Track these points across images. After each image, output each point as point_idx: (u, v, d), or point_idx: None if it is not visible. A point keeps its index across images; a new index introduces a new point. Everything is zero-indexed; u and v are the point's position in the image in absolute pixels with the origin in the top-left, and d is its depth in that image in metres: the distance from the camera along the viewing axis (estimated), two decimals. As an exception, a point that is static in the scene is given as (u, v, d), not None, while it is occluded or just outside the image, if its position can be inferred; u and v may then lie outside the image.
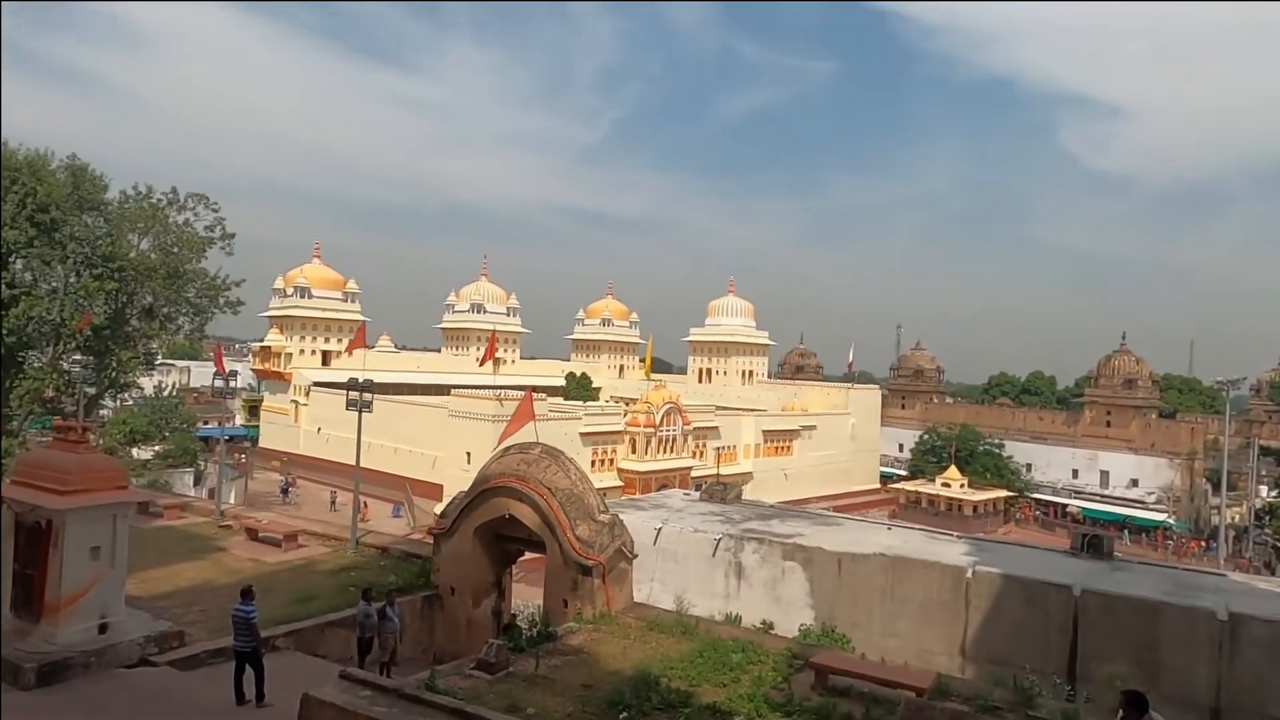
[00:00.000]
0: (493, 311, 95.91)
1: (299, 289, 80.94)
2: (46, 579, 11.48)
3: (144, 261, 39.69)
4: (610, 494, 50.79)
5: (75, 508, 11.29)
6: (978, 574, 15.73)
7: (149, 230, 40.86)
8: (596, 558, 14.56)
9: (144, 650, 11.92)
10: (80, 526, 11.41)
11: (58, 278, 37.53)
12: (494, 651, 11.76)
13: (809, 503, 52.78)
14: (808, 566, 17.61)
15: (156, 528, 20.49)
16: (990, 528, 63.36)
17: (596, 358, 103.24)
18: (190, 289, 41.98)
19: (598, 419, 58.55)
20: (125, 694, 10.76)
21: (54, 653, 11.15)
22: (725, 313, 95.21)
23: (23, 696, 10.50)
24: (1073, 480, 78.57)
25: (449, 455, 55.05)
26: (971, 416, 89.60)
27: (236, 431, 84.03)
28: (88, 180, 38.58)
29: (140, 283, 39.77)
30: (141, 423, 49.92)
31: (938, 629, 15.87)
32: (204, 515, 22.06)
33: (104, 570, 11.80)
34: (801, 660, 12.56)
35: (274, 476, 64.67)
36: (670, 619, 14.55)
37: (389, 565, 17.96)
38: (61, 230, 36.46)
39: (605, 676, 11.81)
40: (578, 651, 12.81)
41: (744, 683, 11.80)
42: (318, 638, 13.82)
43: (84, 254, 37.59)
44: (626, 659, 12.58)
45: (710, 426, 64.34)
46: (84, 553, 11.55)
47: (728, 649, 13.04)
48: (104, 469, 12.07)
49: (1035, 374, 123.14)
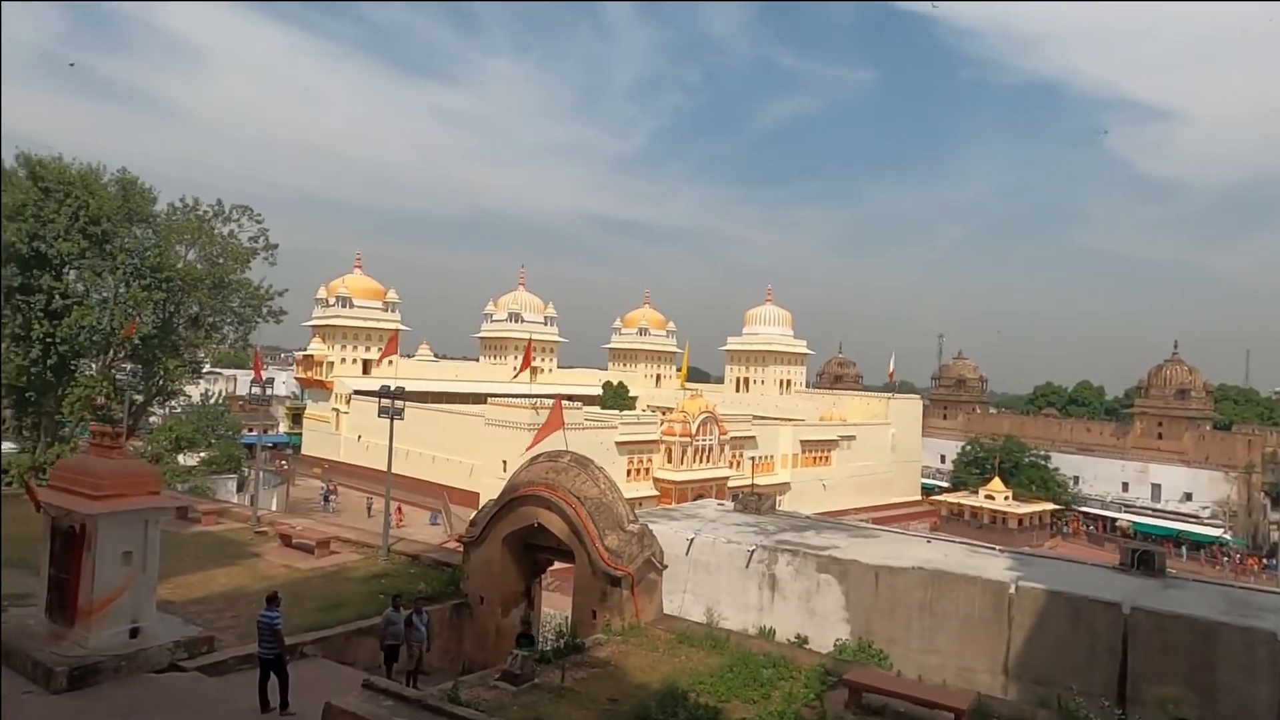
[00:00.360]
0: (530, 321, 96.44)
1: (341, 299, 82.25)
2: (80, 583, 11.62)
3: (190, 272, 40.62)
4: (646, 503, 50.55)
5: (107, 513, 11.40)
6: (1021, 589, 15.15)
7: (195, 241, 41.82)
8: (625, 568, 14.34)
9: (174, 655, 11.99)
10: (112, 531, 11.53)
11: (108, 288, 38.58)
12: (519, 663, 11.60)
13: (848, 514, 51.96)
14: (843, 579, 17.15)
15: (194, 533, 20.77)
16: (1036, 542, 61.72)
17: (633, 367, 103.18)
18: (235, 299, 42.85)
19: (633, 428, 58.38)
20: (152, 699, 10.80)
21: (86, 656, 11.26)
22: (763, 321, 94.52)
23: (54, 700, 10.60)
24: (1122, 494, 76.25)
25: (485, 463, 55.34)
26: (1016, 427, 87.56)
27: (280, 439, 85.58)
28: (137, 193, 39.64)
29: (187, 293, 40.69)
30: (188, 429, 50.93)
31: (979, 646, 15.31)
32: (241, 521, 22.32)
33: (135, 575, 11.90)
34: (835, 677, 12.18)
35: (315, 483, 65.61)
36: (700, 632, 14.26)
37: (419, 573, 17.92)
38: (112, 242, 37.47)
39: (632, 690, 11.56)
40: (605, 664, 12.59)
41: (775, 700, 11.47)
42: (346, 645, 13.79)
43: (133, 265, 38.58)
44: (655, 672, 12.32)
45: (747, 436, 63.75)
46: (116, 557, 11.66)
47: (759, 664, 12.71)
48: (137, 474, 12.20)
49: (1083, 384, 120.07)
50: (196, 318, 42.42)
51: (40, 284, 35.33)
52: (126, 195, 38.97)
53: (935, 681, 13.22)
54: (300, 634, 13.31)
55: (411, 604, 13.69)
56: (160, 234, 40.54)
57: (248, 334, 45.22)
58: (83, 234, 35.99)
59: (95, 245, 36.55)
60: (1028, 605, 14.98)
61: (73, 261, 36.28)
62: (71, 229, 35.62)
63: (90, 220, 36.15)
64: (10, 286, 35.11)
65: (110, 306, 38.00)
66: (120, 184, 39.02)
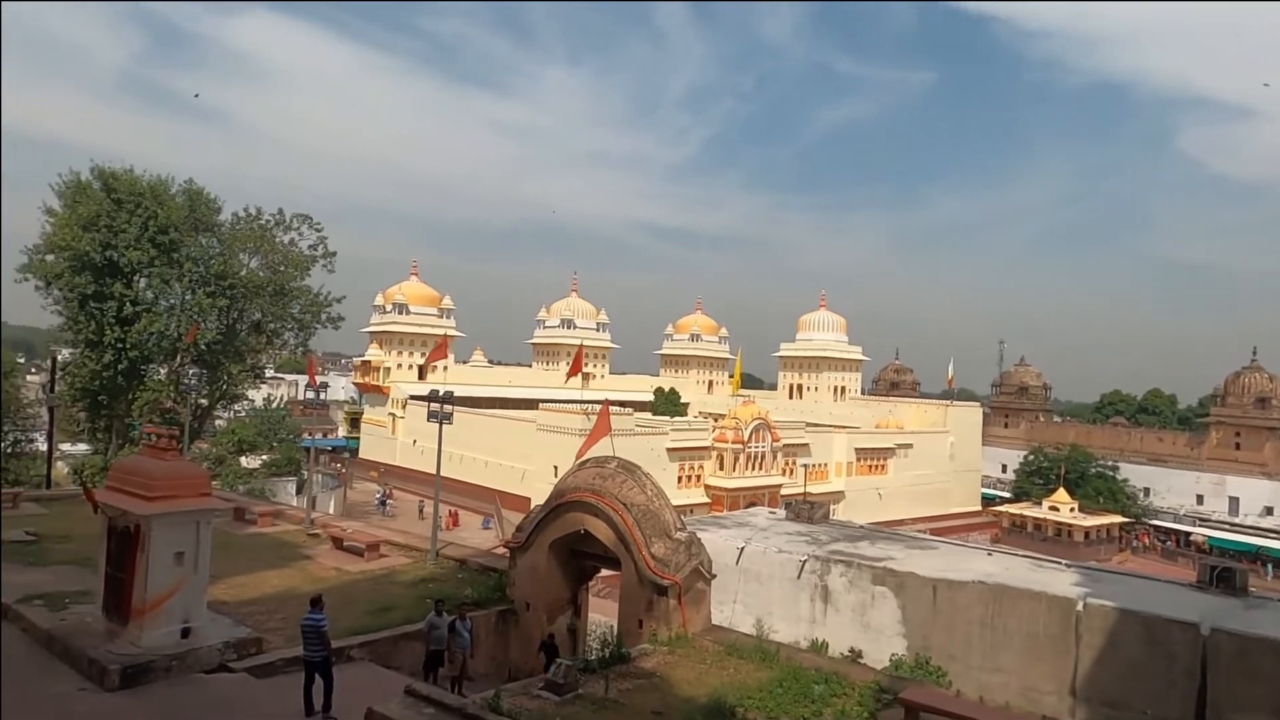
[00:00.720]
0: (582, 327, 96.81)
1: (397, 305, 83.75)
2: (134, 582, 11.81)
3: (253, 279, 41.76)
4: (697, 511, 50.08)
5: (160, 513, 11.57)
6: (1090, 607, 14.36)
7: (258, 249, 43.02)
8: (672, 577, 14.03)
9: (223, 656, 12.10)
10: (164, 532, 11.69)
11: (175, 295, 39.88)
12: (563, 672, 11.39)
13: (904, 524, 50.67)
14: (899, 592, 16.54)
15: (249, 534, 21.16)
16: (1104, 556, 59.34)
17: (685, 373, 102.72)
18: (295, 305, 43.93)
19: (685, 434, 57.96)
20: (199, 699, 10.89)
21: (139, 655, 11.43)
22: (816, 327, 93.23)
23: (107, 698, 10.77)
24: (1197, 506, 72.87)
25: (537, 469, 55.53)
26: (1082, 436, 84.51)
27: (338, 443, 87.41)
28: (203, 203, 40.93)
29: (249, 299, 41.83)
30: (250, 433, 52.36)
31: (1045, 666, 14.56)
32: (296, 523, 22.65)
33: (187, 575, 12.05)
34: (890, 695, 11.67)
35: (372, 487, 66.74)
36: (749, 644, 13.86)
37: (466, 578, 17.90)
38: (179, 250, 38.75)
39: (678, 703, 11.25)
40: (650, 675, 12.30)
41: (826, 717, 11.03)
42: (392, 649, 13.77)
43: (199, 272, 39.81)
44: (701, 685, 11.98)
45: (800, 443, 62.78)
46: (168, 558, 11.82)
47: (810, 679, 12.26)
48: (189, 476, 12.37)
49: (1153, 392, 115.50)
50: (258, 324, 43.57)
51: (112, 291, 36.67)
52: (193, 205, 40.27)
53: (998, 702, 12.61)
54: (347, 637, 13.34)
55: (455, 610, 13.60)
56: (224, 242, 41.79)
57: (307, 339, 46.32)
58: (152, 243, 37.25)
59: (163, 254, 37.80)
60: (1097, 624, 14.19)
61: (142, 269, 37.58)
62: (142, 238, 36.90)
63: (159, 229, 37.40)
64: (84, 294, 36.56)
65: (177, 313, 39.26)
66: (187, 194, 40.33)
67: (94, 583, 13.33)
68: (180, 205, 39.17)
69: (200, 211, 40.55)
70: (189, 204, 39.94)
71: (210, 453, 46.91)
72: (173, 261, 38.27)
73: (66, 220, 36.23)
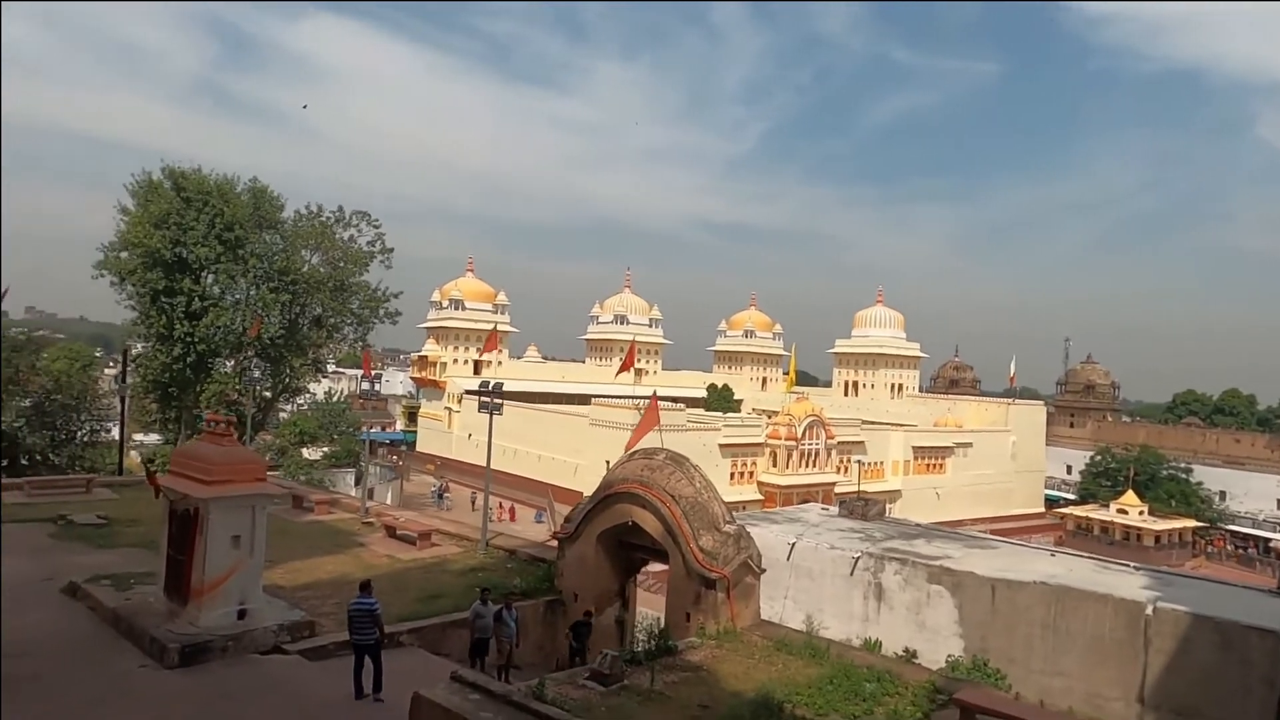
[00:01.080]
0: (635, 323, 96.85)
1: (453, 301, 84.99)
2: (193, 564, 12.14)
3: (314, 275, 42.78)
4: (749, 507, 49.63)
5: (217, 497, 11.86)
6: (1160, 611, 13.71)
7: (319, 246, 44.06)
8: (720, 570, 13.85)
9: (278, 638, 12.35)
10: (222, 515, 11.99)
11: (240, 291, 41.10)
12: (609, 663, 11.31)
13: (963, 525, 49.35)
14: (956, 592, 16.05)
15: (307, 521, 21.65)
16: (1175, 561, 56.91)
17: (739, 369, 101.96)
18: (354, 300, 44.88)
19: (738, 430, 57.53)
20: (253, 680, 11.13)
21: (197, 635, 11.74)
22: (873, 323, 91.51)
23: (166, 675, 11.08)
24: (1277, 511, 69.44)
25: (589, 463, 55.70)
26: (1153, 437, 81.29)
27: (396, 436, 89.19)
28: (267, 200, 42.04)
29: (310, 295, 42.89)
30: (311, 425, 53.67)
31: (1110, 671, 13.96)
32: (351, 511, 23.11)
33: (243, 558, 12.34)
34: (945, 696, 11.30)
35: (429, 479, 67.86)
36: (799, 640, 13.59)
37: (516, 567, 18.00)
38: (244, 247, 39.87)
39: (725, 697, 11.08)
40: (697, 668, 12.15)
41: (877, 716, 10.73)
42: (440, 636, 13.90)
43: (262, 269, 40.92)
44: (749, 680, 11.78)
45: (855, 441, 61.76)
46: (225, 540, 12.12)
47: (861, 677, 11.96)
48: (245, 461, 12.67)
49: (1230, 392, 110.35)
50: (319, 318, 44.63)
51: (181, 287, 37.95)
52: (257, 203, 41.38)
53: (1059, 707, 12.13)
54: (398, 623, 13.50)
55: (501, 599, 13.65)
56: (287, 239, 42.88)
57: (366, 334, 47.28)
58: (219, 240, 38.42)
59: (229, 250, 38.94)
60: (1168, 629, 13.54)
61: (209, 265, 38.79)
62: (209, 235, 38.08)
63: (225, 227, 38.54)
64: (155, 289, 37.94)
65: (242, 308, 40.45)
66: (252, 192, 41.46)
67: (158, 565, 13.76)
68: (245, 203, 40.29)
69: (264, 209, 41.65)
70: (253, 202, 41.05)
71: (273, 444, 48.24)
72: (238, 258, 39.40)
73: (139, 218, 37.59)
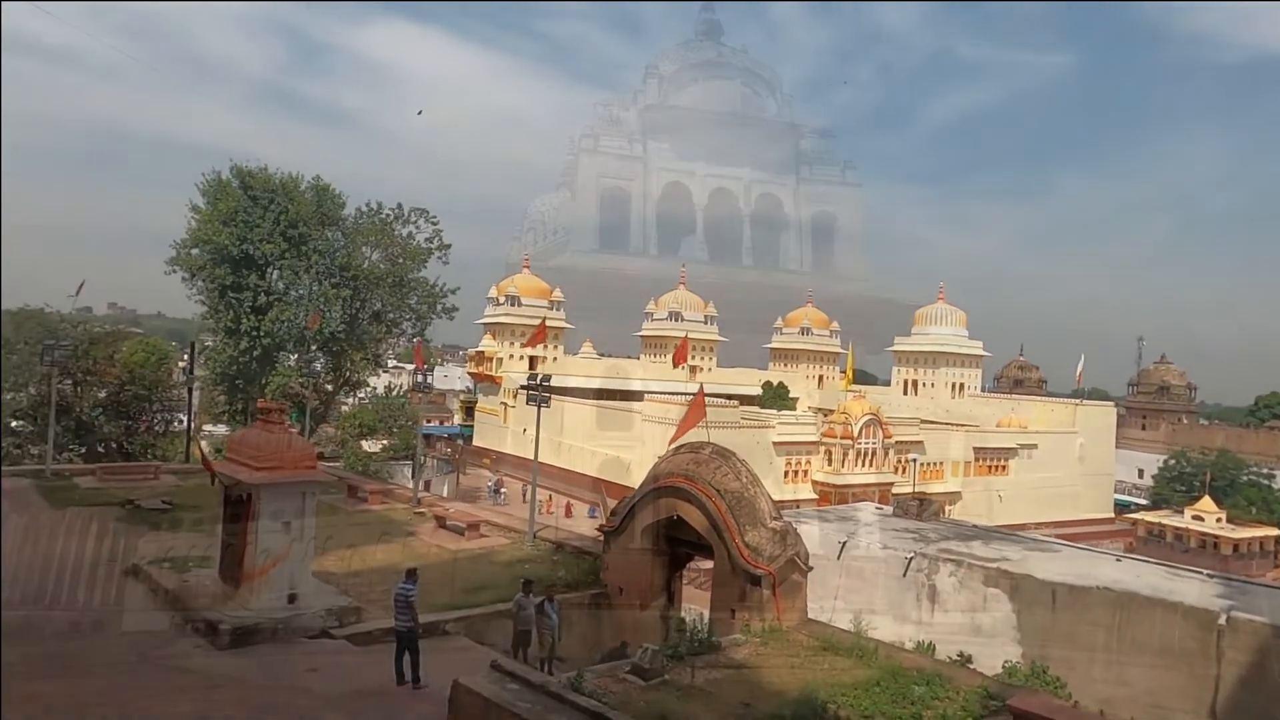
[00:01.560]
0: (690, 320, 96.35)
1: (510, 298, 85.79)
2: (246, 548, 12.44)
3: (374, 271, 43.71)
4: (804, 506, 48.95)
5: (267, 482, 12.12)
6: (1234, 621, 12.98)
7: (379, 243, 44.99)
8: (766, 567, 13.59)
9: (325, 622, 12.59)
10: (272, 500, 12.26)
11: (303, 286, 42.24)
12: (649, 657, 11.18)
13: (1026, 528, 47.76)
14: (1014, 595, 15.49)
15: (360, 510, 22.10)
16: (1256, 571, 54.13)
17: (795, 367, 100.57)
18: (413, 296, 45.73)
19: (792, 428, 56.80)
20: (299, 662, 11.35)
21: (248, 617, 12.04)
22: (934, 321, 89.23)
23: (217, 656, 11.38)
24: (1369, 521, 65.52)
25: (641, 459, 55.66)
26: (1233, 441, 77.53)
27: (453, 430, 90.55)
28: (329, 198, 43.11)
29: (370, 290, 43.84)
30: (370, 418, 54.92)
31: (1179, 683, 13.26)
32: (404, 502, 23.49)
33: (294, 543, 12.61)
34: (999, 702, 10.85)
35: (485, 473, 68.72)
36: (847, 640, 13.24)
37: (562, 560, 18.04)
38: (307, 243, 40.96)
39: (767, 696, 10.84)
40: (740, 666, 11.93)
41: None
42: (485, 626, 13.99)
43: (325, 265, 41.98)
44: (793, 679, 11.52)
45: (914, 440, 60.36)
46: (276, 525, 12.40)
47: (910, 680, 11.57)
48: (295, 448, 12.93)
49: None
50: (379, 314, 45.58)
51: (248, 282, 39.18)
52: (320, 201, 42.44)
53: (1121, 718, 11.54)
54: (443, 611, 13.63)
55: (544, 591, 13.65)
56: (348, 236, 43.91)
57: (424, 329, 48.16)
58: (283, 236, 39.54)
59: (293, 247, 40.05)
60: (1243, 640, 12.81)
61: (274, 261, 39.97)
62: (274, 232, 39.23)
63: (290, 224, 39.64)
64: (224, 285, 39.25)
65: (305, 303, 41.57)
66: (314, 190, 42.56)
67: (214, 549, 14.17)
68: (308, 201, 41.37)
69: (326, 206, 42.70)
70: (316, 199, 42.12)
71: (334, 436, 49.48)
72: (301, 254, 40.47)
73: (209, 216, 38.92)
